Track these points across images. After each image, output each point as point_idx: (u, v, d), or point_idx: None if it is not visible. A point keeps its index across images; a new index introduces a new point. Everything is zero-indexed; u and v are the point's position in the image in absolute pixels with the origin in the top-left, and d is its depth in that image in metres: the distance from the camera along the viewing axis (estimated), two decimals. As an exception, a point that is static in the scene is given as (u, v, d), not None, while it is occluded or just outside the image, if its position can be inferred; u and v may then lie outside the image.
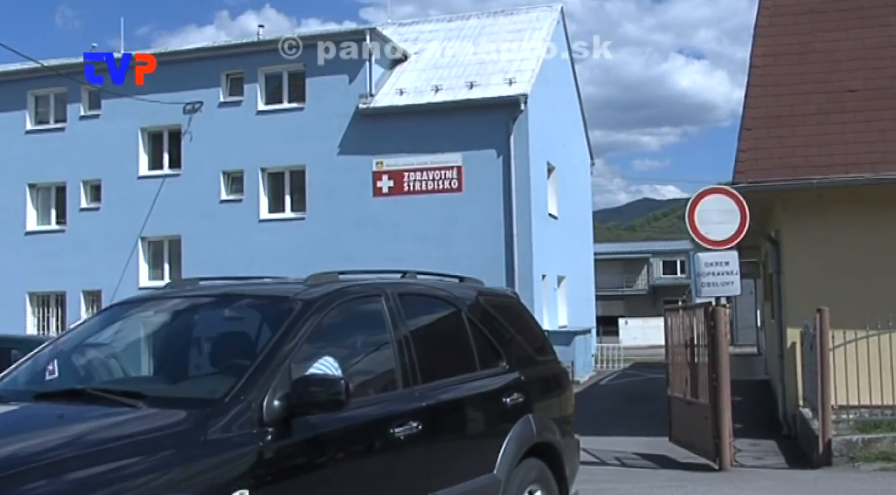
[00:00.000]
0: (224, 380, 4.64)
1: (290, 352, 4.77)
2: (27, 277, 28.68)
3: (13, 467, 3.69)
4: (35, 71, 27.88)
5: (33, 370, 5.48)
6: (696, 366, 12.31)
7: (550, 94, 28.14)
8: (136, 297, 6.33)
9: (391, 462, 5.19)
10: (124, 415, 4.34)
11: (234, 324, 5.69)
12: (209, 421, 4.25)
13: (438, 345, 6.12)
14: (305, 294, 5.29)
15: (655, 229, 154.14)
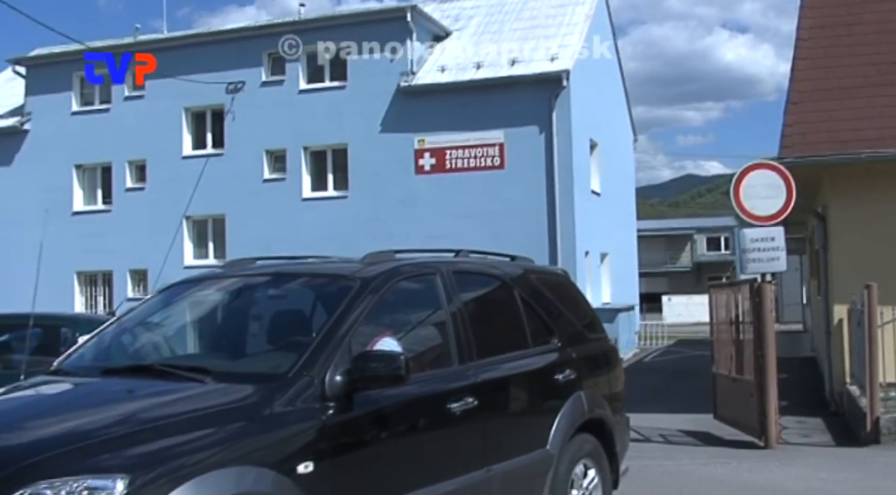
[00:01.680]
0: (287, 356, 4.78)
1: (349, 328, 4.89)
2: (75, 257, 29.06)
3: (87, 439, 3.88)
4: (81, 53, 28.14)
5: (98, 347, 5.66)
6: (741, 342, 12.22)
7: (593, 70, 27.92)
8: (195, 276, 6.46)
9: (448, 436, 5.31)
10: (193, 390, 4.52)
11: (294, 301, 5.80)
12: (275, 396, 4.41)
13: (492, 323, 6.20)
14: (363, 272, 5.40)
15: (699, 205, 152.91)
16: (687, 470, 9.84)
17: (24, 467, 3.68)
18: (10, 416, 4.50)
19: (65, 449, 3.81)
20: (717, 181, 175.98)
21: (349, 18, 27.24)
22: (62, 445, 3.83)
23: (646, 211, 75.97)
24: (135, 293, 28.40)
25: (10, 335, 10.79)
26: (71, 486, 3.62)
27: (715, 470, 9.98)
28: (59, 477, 3.64)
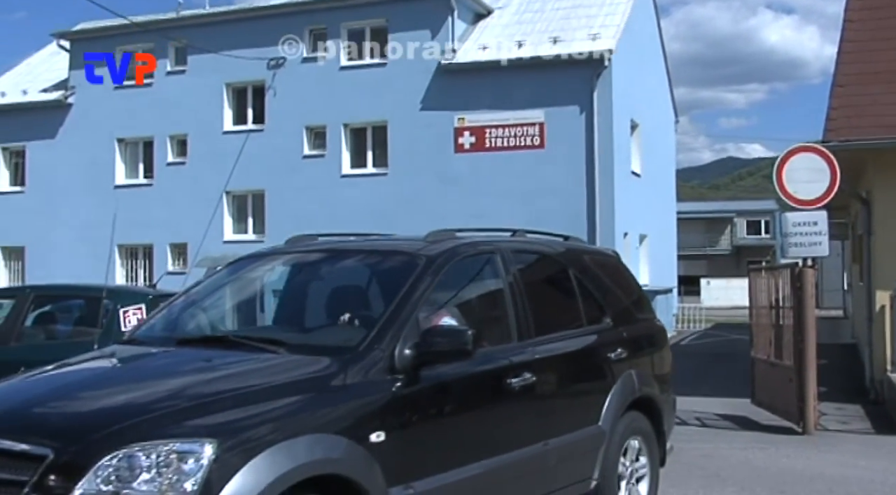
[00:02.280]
0: (357, 330, 5.03)
1: (416, 304, 5.04)
2: (116, 230, 29.26)
3: (175, 405, 4.10)
4: (124, 27, 28.33)
5: (168, 319, 5.90)
6: (780, 327, 12.12)
7: (635, 50, 27.69)
8: (261, 252, 6.62)
9: (507, 410, 5.45)
10: (269, 361, 4.73)
11: (361, 277, 5.97)
12: (348, 368, 4.58)
13: (548, 301, 6.40)
14: (427, 250, 5.54)
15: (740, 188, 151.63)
16: (724, 454, 9.80)
17: (117, 430, 3.85)
18: (100, 383, 4.76)
19: (155, 414, 4.00)
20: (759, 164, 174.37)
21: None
22: (152, 410, 4.03)
23: (686, 193, 75.44)
24: (174, 267, 28.67)
25: (53, 306, 10.90)
26: (161, 449, 3.79)
27: (752, 454, 9.92)
28: (151, 440, 3.81)
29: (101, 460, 3.74)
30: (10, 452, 3.87)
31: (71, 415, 4.18)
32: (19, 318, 10.07)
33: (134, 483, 3.72)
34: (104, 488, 3.71)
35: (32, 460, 3.80)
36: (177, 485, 3.74)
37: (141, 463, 3.76)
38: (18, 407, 4.32)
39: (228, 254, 28.15)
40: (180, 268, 28.57)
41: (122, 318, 9.71)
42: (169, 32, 28.57)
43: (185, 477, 3.75)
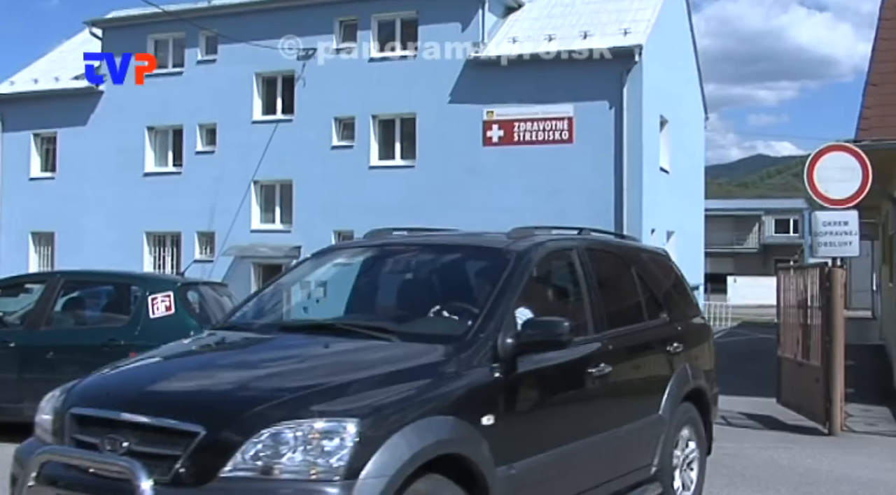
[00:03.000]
0: (460, 320, 5.27)
1: (513, 296, 5.32)
2: (145, 217, 29.57)
3: (314, 386, 4.34)
4: (155, 16, 28.47)
5: (262, 306, 6.18)
6: (808, 327, 12.05)
7: (666, 46, 27.54)
8: (344, 244, 6.90)
9: (588, 398, 5.82)
10: (388, 347, 5.00)
11: (455, 270, 6.22)
12: (460, 355, 4.83)
13: (617, 296, 6.73)
14: (515, 246, 5.79)
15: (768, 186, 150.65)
16: (748, 454, 9.75)
17: (266, 409, 4.09)
18: (233, 365, 5.01)
19: (297, 394, 4.23)
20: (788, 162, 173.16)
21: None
22: (294, 391, 4.27)
23: (713, 190, 74.93)
24: (201, 255, 28.84)
25: (82, 291, 10.99)
26: (308, 427, 4.03)
27: (777, 454, 9.88)
28: (297, 418, 4.05)
29: (252, 437, 3.98)
30: (164, 429, 4.12)
31: (219, 395, 4.40)
32: (49, 303, 10.17)
33: (282, 459, 3.96)
34: (254, 464, 3.96)
35: (184, 436, 4.04)
36: (323, 462, 3.98)
37: (289, 440, 3.99)
38: (164, 387, 4.61)
39: (256, 243, 28.35)
40: (207, 257, 28.75)
41: (150, 305, 9.77)
42: (200, 21, 28.68)
43: (331, 454, 4.00)
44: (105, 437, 4.21)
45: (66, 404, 4.58)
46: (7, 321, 10.73)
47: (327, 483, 3.95)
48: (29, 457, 4.40)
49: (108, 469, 4.09)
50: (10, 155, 31.89)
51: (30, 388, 9.73)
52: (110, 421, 4.28)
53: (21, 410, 9.84)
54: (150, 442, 4.11)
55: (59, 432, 4.51)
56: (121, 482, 4.01)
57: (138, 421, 4.20)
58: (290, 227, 28.29)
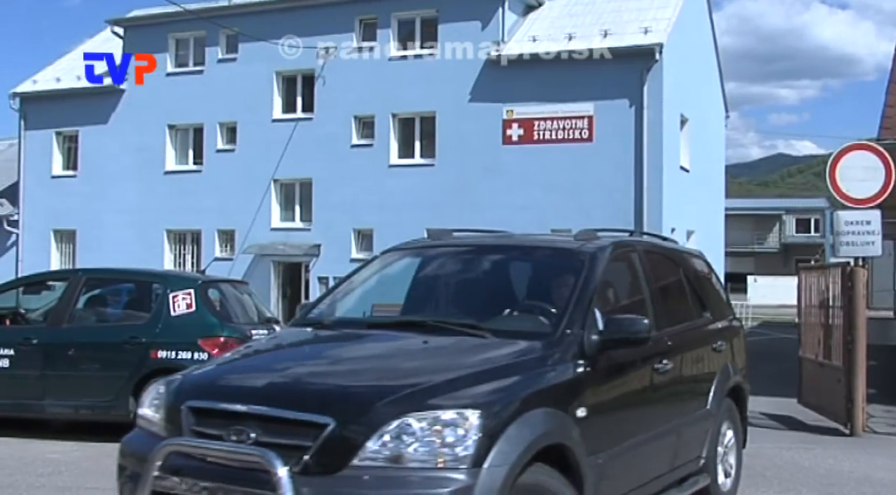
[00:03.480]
0: (546, 318, 5.45)
1: (592, 295, 5.52)
2: (165, 215, 29.70)
3: (431, 379, 4.50)
4: (176, 15, 28.57)
5: (336, 303, 6.37)
6: (830, 327, 11.99)
7: (686, 44, 27.43)
8: (406, 245, 6.98)
9: (655, 393, 6.06)
10: (486, 343, 5.16)
11: (531, 270, 6.41)
12: (553, 351, 5.05)
13: (670, 296, 6.98)
14: (587, 247, 6.02)
15: (789, 185, 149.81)
16: (769, 455, 9.71)
17: (393, 401, 4.28)
18: (345, 360, 5.23)
19: (419, 387, 4.41)
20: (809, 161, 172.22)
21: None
22: (415, 384, 4.45)
23: (734, 189, 74.64)
24: (222, 253, 28.94)
25: (104, 289, 11.06)
26: (434, 418, 4.21)
27: (798, 455, 9.83)
28: (423, 410, 4.23)
29: (381, 428, 4.16)
30: (291, 420, 4.28)
31: (346, 388, 4.56)
32: (71, 301, 10.24)
33: (409, 448, 4.13)
34: (383, 453, 4.14)
35: (313, 427, 4.21)
36: (449, 451, 4.15)
37: (415, 431, 4.16)
38: (286, 381, 4.76)
39: (276, 241, 28.43)
40: (227, 255, 28.85)
41: (171, 303, 9.82)
42: (220, 20, 28.77)
43: (456, 444, 4.16)
44: (230, 429, 4.35)
45: (179, 398, 4.70)
46: (30, 318, 10.81)
47: (454, 471, 4.12)
48: (149, 449, 4.51)
49: (240, 459, 4.24)
50: (33, 153, 32.07)
51: (52, 385, 9.83)
52: (233, 414, 4.43)
53: (43, 407, 9.94)
54: (277, 433, 4.26)
55: (173, 425, 4.63)
56: (252, 471, 4.17)
57: (266, 413, 4.34)
58: (310, 226, 28.35)
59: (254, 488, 4.15)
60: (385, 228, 26.69)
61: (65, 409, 9.91)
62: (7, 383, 9.93)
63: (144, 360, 9.59)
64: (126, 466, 4.81)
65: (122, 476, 4.82)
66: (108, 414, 9.76)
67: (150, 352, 9.60)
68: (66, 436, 9.88)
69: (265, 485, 4.08)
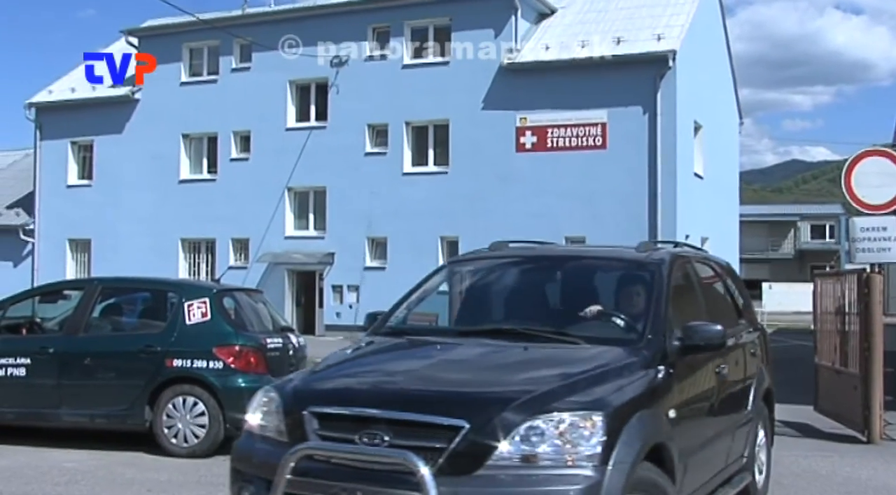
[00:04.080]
0: (627, 325, 5.74)
1: (667, 303, 5.76)
2: (180, 224, 29.81)
3: (550, 383, 4.74)
4: (190, 24, 28.71)
5: (410, 314, 6.49)
6: (846, 334, 11.91)
7: (700, 51, 27.41)
8: (473, 255, 7.12)
9: (718, 394, 6.30)
10: (584, 350, 5.38)
11: (602, 280, 6.64)
12: (642, 356, 5.29)
13: (718, 302, 7.32)
14: (654, 258, 6.31)
15: (803, 192, 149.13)
16: (785, 463, 9.65)
17: (521, 405, 4.50)
18: (456, 366, 5.33)
19: (540, 391, 4.63)
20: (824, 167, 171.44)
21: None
22: (535, 389, 4.66)
23: (748, 196, 74.40)
24: (236, 261, 29.01)
25: (120, 298, 11.08)
26: (561, 419, 4.45)
27: (815, 463, 9.77)
28: (550, 412, 4.48)
29: (513, 430, 4.39)
30: (425, 424, 4.47)
31: (476, 393, 4.76)
32: (87, 310, 10.25)
33: (540, 448, 4.37)
34: (516, 453, 4.37)
35: (448, 430, 4.40)
36: (577, 450, 4.40)
37: (544, 431, 4.41)
38: (413, 386, 4.92)
39: (290, 249, 28.48)
40: (241, 263, 28.92)
41: (186, 311, 9.83)
42: (234, 30, 28.90)
43: (583, 443, 4.41)
44: (361, 433, 4.53)
45: (299, 404, 4.84)
46: (46, 327, 10.84)
47: (583, 468, 4.36)
48: (273, 454, 4.71)
49: (382, 460, 4.43)
50: (48, 163, 32.27)
51: (68, 394, 9.84)
52: (362, 419, 4.59)
53: (59, 416, 9.96)
54: (409, 436, 4.44)
55: (293, 430, 4.77)
56: (391, 472, 4.37)
57: (400, 417, 4.52)
58: (324, 234, 28.41)
59: (396, 488, 4.34)
60: (399, 236, 26.76)
61: (81, 418, 9.92)
62: (23, 392, 9.96)
63: (160, 369, 9.60)
64: (242, 470, 5.00)
65: (238, 480, 5.01)
66: (124, 422, 9.77)
67: (166, 360, 9.61)
68: (82, 445, 9.89)
69: (407, 485, 4.28)
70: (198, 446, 9.42)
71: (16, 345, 10.28)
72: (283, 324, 11.53)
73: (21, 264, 32.59)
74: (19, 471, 8.69)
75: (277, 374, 9.94)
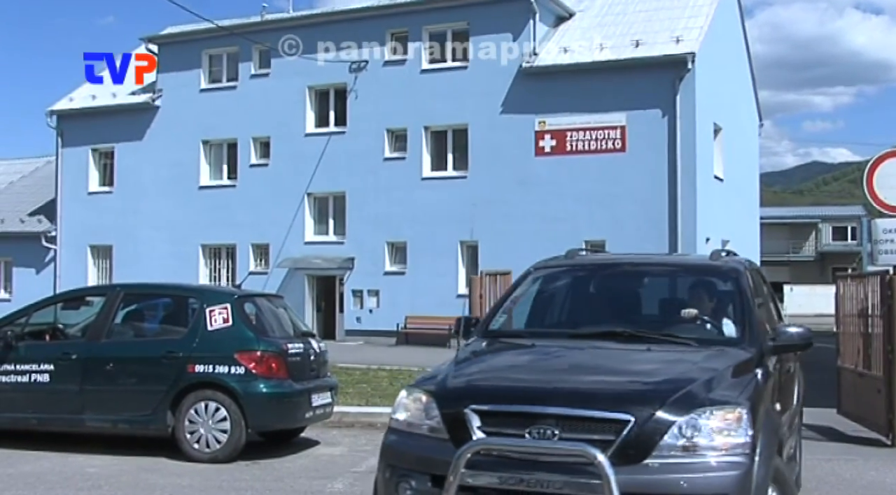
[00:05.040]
0: (729, 328, 6.26)
1: (754, 306, 6.30)
2: (200, 230, 29.92)
3: (693, 380, 5.16)
4: (209, 31, 28.85)
5: (513, 316, 6.92)
6: (869, 336, 11.82)
7: (719, 53, 27.32)
8: (557, 262, 7.48)
9: (788, 389, 6.87)
10: (701, 350, 5.84)
11: (691, 286, 7.03)
12: (750, 356, 5.76)
13: (769, 306, 7.55)
14: (734, 265, 6.89)
15: (824, 193, 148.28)
16: (808, 466, 9.57)
17: (677, 400, 4.95)
18: (605, 367, 5.67)
19: (689, 387, 5.07)
20: (844, 169, 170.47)
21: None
22: (683, 385, 5.09)
23: (768, 198, 73.99)
24: (256, 267, 29.09)
25: (142, 304, 11.13)
26: (714, 411, 4.92)
27: (838, 466, 9.70)
28: (703, 405, 4.94)
29: (675, 423, 4.84)
30: (595, 419, 4.88)
31: (637, 390, 5.18)
32: (110, 316, 10.29)
33: (697, 439, 4.84)
34: (678, 443, 4.83)
35: (615, 424, 4.83)
36: (730, 439, 4.87)
37: (700, 424, 4.87)
38: (572, 385, 5.24)
39: (310, 255, 28.54)
40: (262, 269, 29.00)
41: (208, 317, 9.86)
42: (253, 36, 29.00)
43: (735, 433, 4.89)
44: (530, 429, 4.90)
45: (459, 403, 5.13)
46: (69, 333, 10.90)
47: (737, 456, 4.85)
48: (434, 450, 5.09)
49: (561, 452, 4.82)
50: (69, 170, 32.48)
51: (91, 399, 9.89)
52: (529, 415, 4.95)
53: (82, 421, 10.01)
54: (577, 430, 4.85)
55: (455, 427, 5.08)
56: (567, 463, 4.78)
57: (569, 413, 4.92)
58: (344, 239, 28.46)
59: (575, 476, 4.74)
60: (418, 241, 26.77)
61: (103, 423, 9.97)
62: (47, 398, 10.01)
63: (182, 375, 9.62)
64: (397, 465, 5.29)
65: (394, 475, 5.28)
66: (147, 428, 9.81)
67: (188, 366, 9.63)
68: (105, 450, 9.94)
69: (583, 474, 4.70)
70: (220, 451, 9.44)
71: (39, 351, 10.34)
72: (304, 329, 11.54)
73: (43, 270, 32.80)
74: (43, 477, 8.74)
75: (298, 380, 9.99)
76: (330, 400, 10.65)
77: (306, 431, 10.94)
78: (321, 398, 10.31)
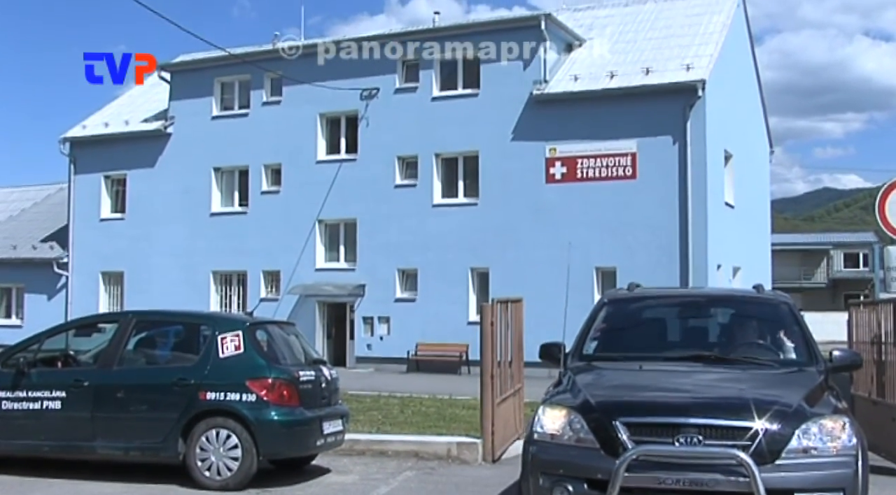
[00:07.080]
0: (798, 352, 7.36)
1: (810, 333, 7.45)
2: (211, 256, 29.98)
3: (796, 396, 6.28)
4: (221, 59, 29.03)
5: (598, 343, 7.70)
6: (883, 364, 11.76)
7: (729, 80, 27.37)
8: (627, 294, 8.37)
9: None
10: (783, 371, 7.07)
11: (753, 316, 8.14)
12: (820, 376, 6.92)
13: None
14: (780, 299, 8.20)
15: (836, 220, 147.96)
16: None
17: (795, 411, 6.04)
18: (717, 384, 6.70)
19: (800, 401, 6.17)
20: (856, 195, 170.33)
21: (483, 26, 27.44)
22: (796, 399, 6.18)
23: (780, 225, 73.91)
24: (267, 293, 29.10)
25: (153, 331, 11.13)
26: (821, 423, 6.05)
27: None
28: (815, 417, 6.06)
29: (795, 430, 5.95)
30: (732, 427, 5.90)
31: (764, 403, 6.09)
32: (121, 343, 10.30)
33: (813, 443, 6.01)
34: (799, 447, 5.93)
35: (748, 431, 5.88)
36: (836, 445, 6.01)
37: (814, 432, 6.00)
38: (705, 399, 6.29)
39: (321, 281, 28.56)
40: (273, 295, 29.01)
41: (219, 344, 9.86)
42: (265, 64, 29.16)
43: (841, 439, 6.04)
44: (677, 436, 5.87)
45: (608, 416, 6.05)
46: (80, 360, 10.90)
47: (847, 457, 5.99)
48: (589, 457, 6.00)
49: (713, 456, 5.79)
50: (82, 196, 32.63)
51: (102, 426, 9.88)
52: (675, 425, 5.90)
53: (94, 448, 9.99)
54: (717, 437, 5.86)
55: (606, 438, 6.00)
56: (717, 465, 5.76)
57: (711, 423, 5.90)
58: (354, 266, 28.48)
59: (727, 475, 5.72)
60: (429, 268, 26.78)
61: (115, 451, 9.95)
62: (58, 424, 10.01)
63: (193, 402, 9.61)
64: (552, 473, 6.11)
65: (548, 482, 6.11)
66: (158, 455, 9.79)
67: (199, 393, 9.62)
68: (116, 477, 9.92)
69: (731, 473, 5.72)
70: (231, 479, 9.41)
71: (51, 378, 10.34)
72: (315, 356, 11.52)
73: (55, 297, 32.90)
74: (54, 504, 8.72)
75: (310, 407, 9.97)
76: (341, 427, 10.61)
77: (317, 459, 10.90)
78: (332, 426, 10.28)
